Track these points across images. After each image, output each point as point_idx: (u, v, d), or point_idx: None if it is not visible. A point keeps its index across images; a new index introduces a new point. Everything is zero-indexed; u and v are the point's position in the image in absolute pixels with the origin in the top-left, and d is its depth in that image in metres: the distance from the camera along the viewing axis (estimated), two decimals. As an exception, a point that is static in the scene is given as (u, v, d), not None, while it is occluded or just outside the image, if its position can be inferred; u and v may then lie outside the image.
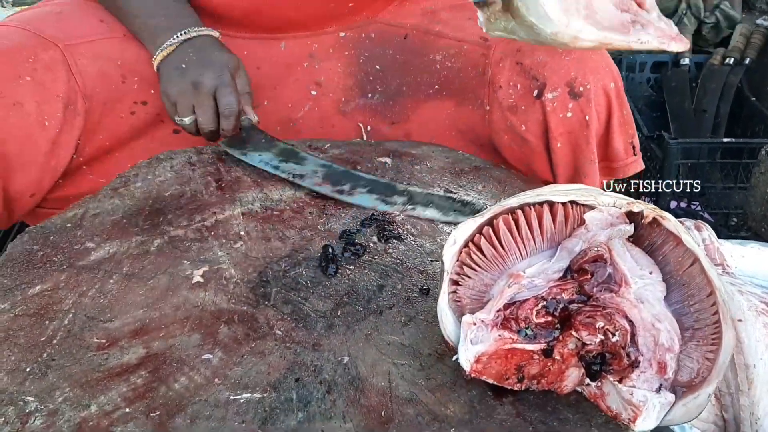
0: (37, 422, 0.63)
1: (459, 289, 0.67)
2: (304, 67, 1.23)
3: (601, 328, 0.62)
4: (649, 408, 0.60)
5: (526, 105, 1.09)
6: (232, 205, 0.94)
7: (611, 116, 1.10)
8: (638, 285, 0.62)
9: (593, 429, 0.63)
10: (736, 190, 1.74)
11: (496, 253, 0.66)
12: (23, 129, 1.03)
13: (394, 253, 0.85)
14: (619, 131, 1.13)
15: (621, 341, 0.61)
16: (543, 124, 1.09)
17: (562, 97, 1.07)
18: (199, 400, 0.65)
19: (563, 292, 0.64)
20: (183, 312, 0.75)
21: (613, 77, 1.10)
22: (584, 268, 0.64)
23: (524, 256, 0.66)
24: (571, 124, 1.08)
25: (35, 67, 1.05)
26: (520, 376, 0.65)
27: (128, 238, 0.87)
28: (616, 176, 1.20)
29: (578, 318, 0.63)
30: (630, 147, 1.17)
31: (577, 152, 1.11)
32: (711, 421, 0.96)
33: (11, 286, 0.79)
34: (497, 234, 0.66)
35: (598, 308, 0.62)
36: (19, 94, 1.03)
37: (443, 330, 0.67)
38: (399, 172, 1.03)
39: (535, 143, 1.11)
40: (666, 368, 0.60)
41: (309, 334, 0.73)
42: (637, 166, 1.19)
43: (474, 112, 1.18)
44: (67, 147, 1.09)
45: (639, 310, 0.61)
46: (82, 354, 0.70)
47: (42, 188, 1.09)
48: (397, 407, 0.65)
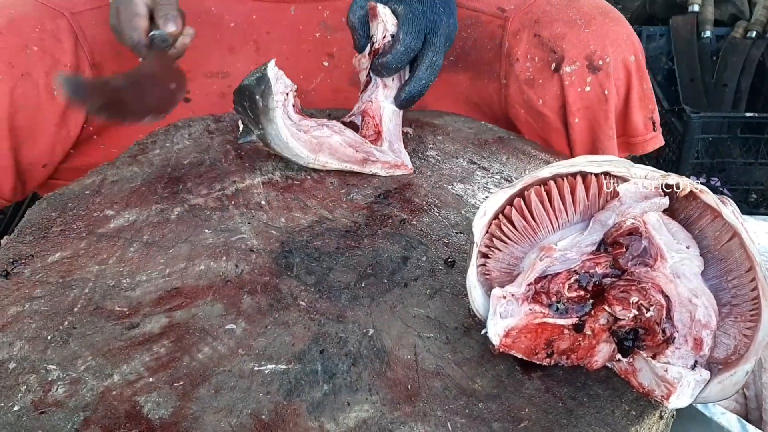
0: (60, 390, 0.62)
1: (488, 262, 0.65)
2: (316, 37, 1.21)
3: (636, 302, 0.60)
4: (683, 385, 0.58)
5: (543, 78, 1.07)
6: (252, 174, 0.92)
7: (630, 90, 1.08)
8: (675, 259, 0.60)
9: (624, 405, 0.62)
10: (756, 166, 1.71)
11: (527, 225, 0.64)
12: (33, 99, 1.02)
13: (419, 225, 0.83)
14: (639, 106, 1.10)
15: (656, 316, 0.60)
16: (560, 99, 1.07)
17: (580, 71, 1.04)
18: (224, 370, 0.64)
19: (597, 265, 0.62)
20: (205, 281, 0.74)
21: (634, 50, 1.07)
22: (618, 241, 0.62)
23: (556, 228, 0.64)
24: (589, 98, 1.06)
25: (42, 37, 1.03)
26: (550, 351, 0.64)
27: (148, 206, 0.86)
28: (635, 152, 1.18)
29: (612, 292, 0.61)
30: (650, 122, 1.14)
31: (595, 128, 1.09)
32: (733, 398, 0.95)
33: (30, 253, 0.78)
34: (528, 205, 0.64)
35: (633, 282, 0.61)
36: (28, 64, 1.02)
37: (472, 303, 0.65)
38: (421, 141, 1.01)
39: (552, 118, 1.09)
40: (702, 345, 0.59)
41: (333, 305, 0.72)
42: (657, 141, 1.17)
43: (489, 86, 1.16)
44: (77, 116, 1.08)
45: (675, 285, 0.60)
46: (103, 323, 0.69)
47: (54, 158, 1.09)
48: (423, 380, 0.64)
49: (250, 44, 1.19)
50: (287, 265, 0.77)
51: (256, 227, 0.82)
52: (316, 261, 0.77)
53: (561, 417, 0.61)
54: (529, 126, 1.14)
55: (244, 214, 0.85)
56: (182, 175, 0.92)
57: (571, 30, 1.05)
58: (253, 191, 0.89)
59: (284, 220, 0.84)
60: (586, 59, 1.04)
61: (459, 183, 0.92)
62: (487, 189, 0.90)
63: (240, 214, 0.85)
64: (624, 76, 1.06)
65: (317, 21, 1.21)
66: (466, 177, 0.93)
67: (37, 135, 1.05)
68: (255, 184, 0.90)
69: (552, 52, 1.05)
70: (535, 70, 1.08)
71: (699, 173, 1.77)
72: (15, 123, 1.01)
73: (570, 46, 1.04)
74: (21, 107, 1.02)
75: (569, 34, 1.05)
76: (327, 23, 1.20)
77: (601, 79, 1.04)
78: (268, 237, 0.81)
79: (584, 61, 1.04)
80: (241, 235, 0.81)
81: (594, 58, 1.04)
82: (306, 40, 1.21)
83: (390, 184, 0.91)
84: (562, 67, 1.04)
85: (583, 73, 1.04)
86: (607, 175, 0.64)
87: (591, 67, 1.04)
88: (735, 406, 0.95)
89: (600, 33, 1.04)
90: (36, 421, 0.59)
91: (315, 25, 1.21)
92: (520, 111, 1.13)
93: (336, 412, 0.61)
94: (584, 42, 1.04)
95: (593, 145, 1.11)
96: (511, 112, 1.15)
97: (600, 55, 1.03)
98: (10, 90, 1.00)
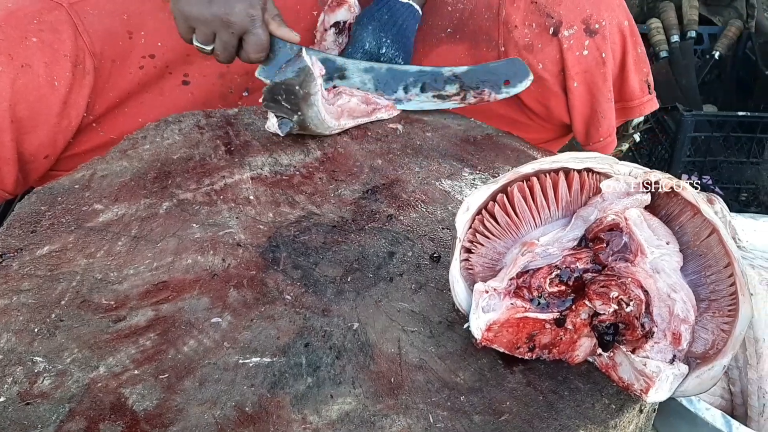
0: (46, 382, 0.63)
1: (471, 257, 0.66)
2: (314, 15, 1.22)
3: (615, 297, 0.61)
4: (662, 379, 0.59)
5: (542, 43, 1.09)
6: (241, 169, 0.93)
7: (626, 53, 1.10)
8: (654, 255, 0.61)
9: (604, 399, 0.63)
10: (747, 165, 1.72)
11: (510, 220, 0.65)
12: (34, 90, 1.03)
13: (405, 221, 0.84)
14: (635, 69, 1.12)
15: (635, 311, 0.61)
16: (560, 63, 1.09)
17: (578, 35, 1.06)
18: (209, 363, 0.65)
19: (578, 261, 0.63)
20: (192, 275, 0.75)
21: (627, 15, 1.10)
22: (599, 236, 0.63)
23: (538, 224, 0.65)
24: (587, 62, 1.08)
25: (41, 28, 1.04)
26: (532, 345, 0.64)
27: (137, 200, 0.86)
28: (633, 116, 1.19)
29: (592, 287, 0.62)
30: (645, 85, 1.16)
31: (594, 91, 1.11)
32: (718, 394, 0.96)
33: (19, 247, 0.78)
34: (511, 201, 0.65)
35: (613, 278, 0.62)
36: (27, 55, 1.02)
37: (455, 297, 0.66)
38: (410, 138, 1.01)
39: (552, 82, 1.11)
40: (680, 339, 0.60)
41: (319, 299, 0.72)
42: (653, 104, 1.19)
43: (488, 54, 1.17)
44: (77, 106, 1.08)
45: (654, 280, 0.60)
46: (90, 315, 0.70)
47: (56, 149, 1.09)
48: (406, 374, 0.64)
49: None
50: (274, 260, 0.77)
51: (244, 222, 0.83)
52: (303, 255, 0.78)
53: (542, 410, 0.61)
54: (529, 92, 1.15)
55: (233, 209, 0.85)
56: (171, 170, 0.92)
57: None
58: (241, 186, 0.89)
59: (272, 215, 0.84)
60: (583, 23, 1.06)
61: (447, 179, 0.92)
62: (475, 185, 0.91)
63: (228, 209, 0.85)
64: (619, 39, 1.08)
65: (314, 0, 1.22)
66: (454, 173, 0.94)
67: (38, 126, 1.05)
68: (244, 179, 0.91)
69: (549, 17, 1.07)
70: (533, 36, 1.09)
71: (691, 171, 1.77)
72: (17, 114, 1.02)
73: (567, 11, 1.06)
74: (22, 98, 1.02)
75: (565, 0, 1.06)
76: (325, 1, 1.22)
77: (598, 42, 1.06)
78: (255, 232, 0.81)
79: (581, 24, 1.06)
80: (228, 229, 0.82)
81: (591, 22, 1.05)
82: (304, 19, 1.22)
83: (378, 179, 0.92)
84: (560, 31, 1.06)
85: (580, 36, 1.06)
86: (589, 171, 0.65)
87: (588, 31, 1.06)
88: (721, 402, 0.96)
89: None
90: (22, 412, 0.60)
91: (313, 3, 1.22)
92: None
93: (319, 405, 0.61)
94: (580, 6, 1.06)
95: (592, 109, 1.12)
96: None
97: (596, 19, 1.05)
98: (11, 81, 1.00)
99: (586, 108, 1.12)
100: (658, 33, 2.10)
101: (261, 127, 1.03)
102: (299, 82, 0.91)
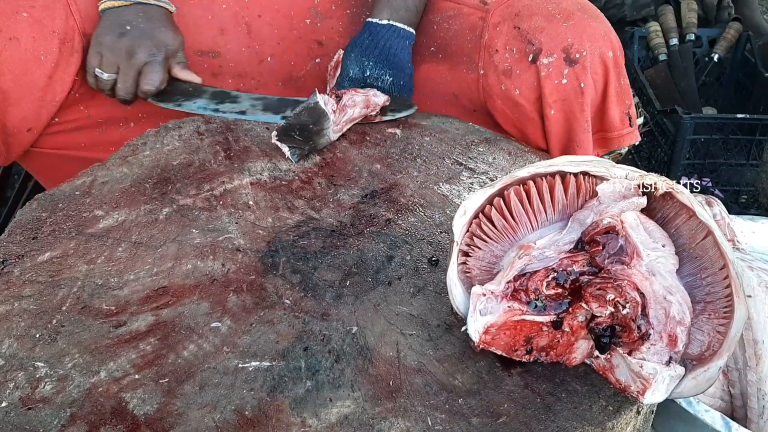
0: (47, 387, 0.63)
1: (469, 260, 0.66)
2: (307, 24, 1.23)
3: (612, 300, 0.61)
4: (658, 381, 0.59)
5: (521, 69, 1.09)
6: (240, 175, 0.93)
7: (608, 85, 1.10)
8: (650, 257, 0.61)
9: (601, 401, 0.63)
10: (747, 167, 1.72)
11: (506, 224, 0.65)
12: (19, 63, 1.05)
13: (403, 225, 0.84)
14: (616, 101, 1.12)
15: (631, 313, 0.61)
16: (537, 90, 1.08)
17: (557, 63, 1.06)
18: (208, 367, 0.65)
19: (574, 263, 0.63)
20: (192, 280, 0.75)
21: (612, 46, 1.09)
22: (596, 239, 0.63)
23: (535, 227, 0.65)
24: (565, 90, 1.07)
25: (33, 5, 1.07)
26: (529, 347, 0.65)
27: (137, 206, 0.87)
28: (611, 147, 1.19)
29: (588, 290, 0.63)
30: (626, 117, 1.16)
31: (571, 120, 1.11)
32: (718, 396, 0.96)
33: (21, 253, 0.79)
34: (508, 205, 0.65)
35: (609, 280, 0.62)
36: (17, 29, 1.05)
37: (452, 301, 0.66)
38: (408, 142, 1.02)
39: (529, 108, 1.11)
40: (677, 341, 0.60)
41: (318, 303, 0.73)
42: (633, 137, 1.19)
43: (467, 76, 1.18)
44: (62, 82, 1.10)
45: (650, 283, 0.61)
46: (91, 321, 0.70)
47: (39, 123, 1.11)
48: (405, 377, 0.65)
49: (242, 26, 1.21)
50: (273, 264, 0.78)
51: (244, 227, 0.83)
52: (302, 260, 0.78)
53: (539, 412, 0.62)
54: (506, 116, 1.15)
55: (232, 214, 0.86)
56: (171, 175, 0.93)
57: (549, 23, 1.07)
58: (241, 191, 0.90)
59: (271, 220, 0.85)
60: (563, 52, 1.06)
61: (445, 183, 0.93)
62: (473, 189, 0.92)
63: (228, 214, 0.86)
64: (601, 70, 1.08)
65: (308, 7, 1.23)
66: (452, 177, 0.94)
67: (22, 98, 1.07)
68: (243, 184, 0.91)
69: (530, 44, 1.07)
70: (513, 61, 1.10)
71: (690, 174, 1.78)
72: (1, 86, 1.04)
73: (548, 39, 1.06)
74: (7, 70, 1.04)
75: (548, 28, 1.07)
76: (318, 10, 1.23)
77: (578, 71, 1.06)
78: (254, 237, 0.82)
79: (561, 53, 1.06)
80: (228, 234, 0.82)
81: (571, 51, 1.05)
82: (297, 27, 1.23)
83: (376, 184, 0.92)
84: (539, 58, 1.06)
85: (560, 65, 1.06)
86: (586, 175, 0.65)
87: (568, 60, 1.06)
88: (720, 404, 0.96)
89: (578, 27, 1.06)
90: (23, 416, 0.60)
91: (306, 11, 1.23)
92: (497, 101, 1.14)
93: (318, 408, 0.62)
94: (562, 35, 1.06)
95: (568, 138, 1.12)
96: (489, 102, 1.17)
97: (577, 49, 1.05)
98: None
99: (562, 136, 1.13)
100: (657, 36, 2.11)
101: (260, 132, 1.04)
102: (313, 121, 0.97)
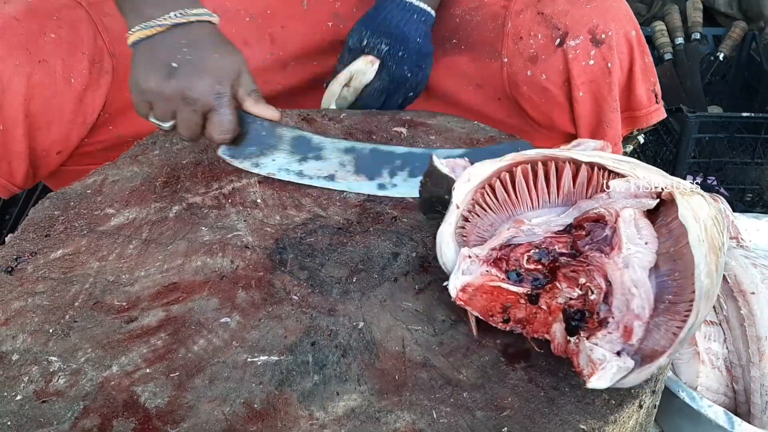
0: (61, 381, 0.65)
1: (467, 225, 0.70)
2: (329, 26, 1.24)
3: (583, 284, 0.63)
4: (605, 368, 0.59)
5: (546, 54, 1.10)
6: (248, 174, 0.94)
7: (633, 63, 1.11)
8: (630, 251, 0.62)
9: (604, 394, 0.64)
10: (752, 166, 1.73)
11: (508, 198, 0.69)
12: (49, 86, 1.03)
13: (409, 222, 0.86)
14: (642, 78, 1.13)
15: (597, 299, 0.62)
16: (564, 73, 1.10)
17: (584, 44, 1.07)
18: (218, 361, 0.67)
19: (557, 243, 0.66)
20: (201, 277, 0.77)
21: (634, 25, 1.11)
22: (583, 225, 0.65)
23: (535, 207, 0.69)
24: (593, 71, 1.09)
25: (60, 24, 1.05)
26: (506, 317, 0.67)
27: (147, 204, 0.88)
28: (640, 125, 1.20)
29: (563, 270, 0.65)
30: (653, 95, 1.17)
31: (599, 101, 1.12)
32: (721, 392, 0.97)
33: (34, 250, 0.80)
34: (513, 181, 0.68)
35: (583, 264, 0.64)
36: (45, 51, 1.03)
37: (442, 257, 0.70)
38: (414, 142, 1.03)
39: (556, 92, 1.12)
40: (631, 334, 0.60)
41: (325, 299, 0.74)
42: (660, 113, 1.19)
43: (490, 66, 1.18)
44: (93, 104, 1.09)
45: (621, 274, 0.61)
46: (103, 316, 0.72)
47: (69, 145, 1.09)
48: (410, 371, 0.66)
49: (265, 38, 1.22)
50: (281, 261, 0.79)
51: (252, 224, 0.85)
52: (309, 257, 0.80)
53: (543, 406, 0.63)
54: (532, 102, 1.16)
55: (240, 212, 0.87)
56: (181, 174, 0.94)
57: (573, 6, 1.09)
58: (249, 190, 0.91)
59: (279, 218, 0.86)
60: (590, 33, 1.07)
61: (450, 181, 0.94)
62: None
63: (236, 212, 0.87)
64: (627, 49, 1.09)
65: (330, 12, 1.24)
66: (458, 176, 0.95)
67: (52, 122, 1.05)
68: (251, 182, 0.93)
69: (555, 28, 1.08)
70: (538, 47, 1.11)
71: (696, 173, 1.78)
72: (30, 109, 1.02)
73: (573, 22, 1.07)
74: (37, 94, 1.02)
75: (572, 11, 1.08)
76: (339, 14, 1.24)
77: (605, 52, 1.07)
78: (263, 234, 0.83)
79: (587, 35, 1.07)
80: (236, 232, 0.83)
81: (597, 32, 1.07)
82: (319, 30, 1.24)
83: (383, 182, 0.93)
84: (566, 41, 1.07)
85: (586, 46, 1.07)
86: (601, 168, 0.67)
87: (594, 41, 1.07)
88: (723, 400, 0.97)
89: (601, 8, 1.08)
90: (38, 409, 0.62)
91: (328, 16, 1.24)
92: (522, 88, 1.15)
93: (325, 401, 0.63)
94: (587, 17, 1.07)
95: (597, 119, 1.13)
96: (514, 90, 1.17)
97: (603, 29, 1.06)
98: (27, 76, 1.00)
99: (591, 117, 1.13)
100: (663, 35, 2.11)
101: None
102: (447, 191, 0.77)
